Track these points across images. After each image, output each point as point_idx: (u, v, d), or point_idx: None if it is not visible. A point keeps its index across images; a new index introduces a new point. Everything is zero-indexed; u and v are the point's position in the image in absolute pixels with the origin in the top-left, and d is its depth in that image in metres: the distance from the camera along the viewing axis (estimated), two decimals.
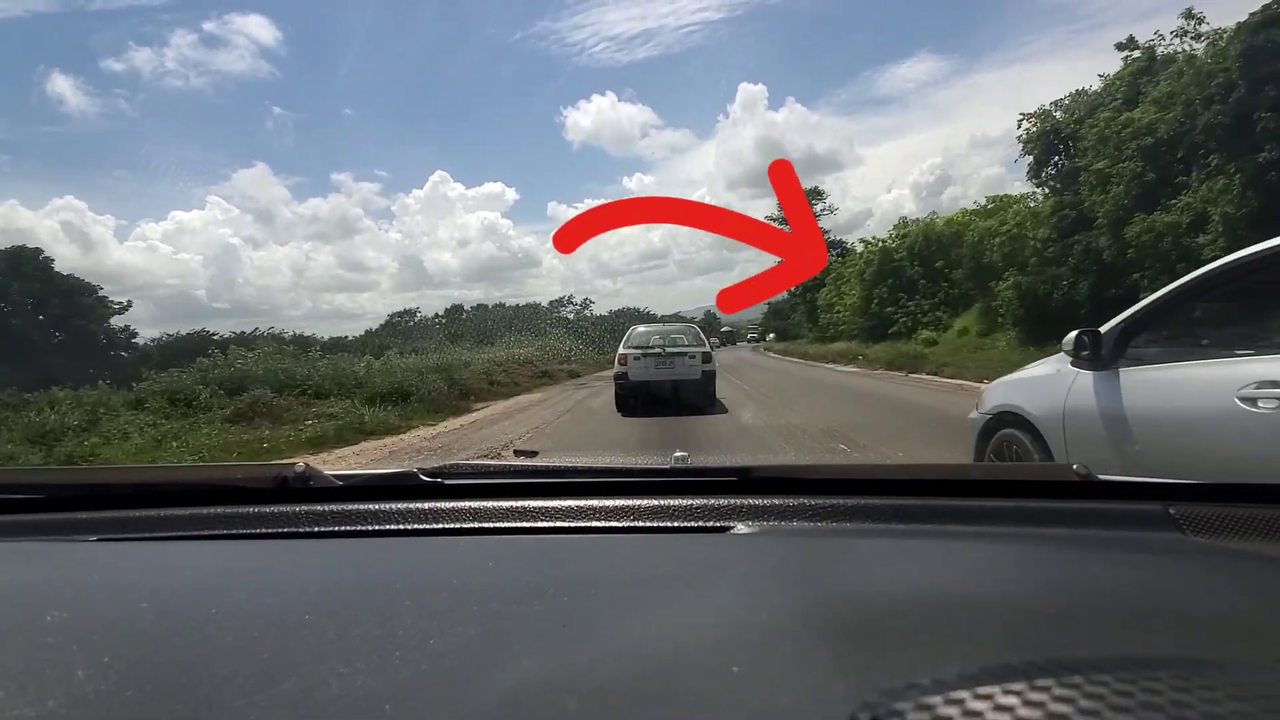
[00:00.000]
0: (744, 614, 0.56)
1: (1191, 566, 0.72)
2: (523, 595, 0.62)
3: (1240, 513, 0.81)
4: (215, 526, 0.91)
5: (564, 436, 8.17)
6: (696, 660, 0.47)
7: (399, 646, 0.50)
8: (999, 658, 0.44)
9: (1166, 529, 0.82)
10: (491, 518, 0.90)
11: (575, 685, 0.44)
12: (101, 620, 0.59)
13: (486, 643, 0.51)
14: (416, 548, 0.86)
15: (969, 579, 0.67)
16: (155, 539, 0.90)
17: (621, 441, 7.46)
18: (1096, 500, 0.91)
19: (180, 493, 1.03)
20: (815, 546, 0.81)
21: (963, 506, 0.89)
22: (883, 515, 0.87)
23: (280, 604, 0.62)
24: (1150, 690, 0.36)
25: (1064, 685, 0.36)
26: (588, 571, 0.72)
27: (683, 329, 11.59)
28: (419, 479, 1.00)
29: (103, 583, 0.70)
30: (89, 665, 0.48)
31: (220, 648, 0.51)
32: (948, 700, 0.36)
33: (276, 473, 0.99)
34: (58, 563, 0.80)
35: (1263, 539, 0.78)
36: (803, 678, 0.44)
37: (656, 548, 0.82)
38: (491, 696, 0.43)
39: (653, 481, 1.00)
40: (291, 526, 0.90)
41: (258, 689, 0.44)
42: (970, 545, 0.79)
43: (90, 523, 0.93)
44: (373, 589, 0.66)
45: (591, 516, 0.90)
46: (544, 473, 1.08)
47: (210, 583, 0.71)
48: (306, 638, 0.53)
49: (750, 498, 0.91)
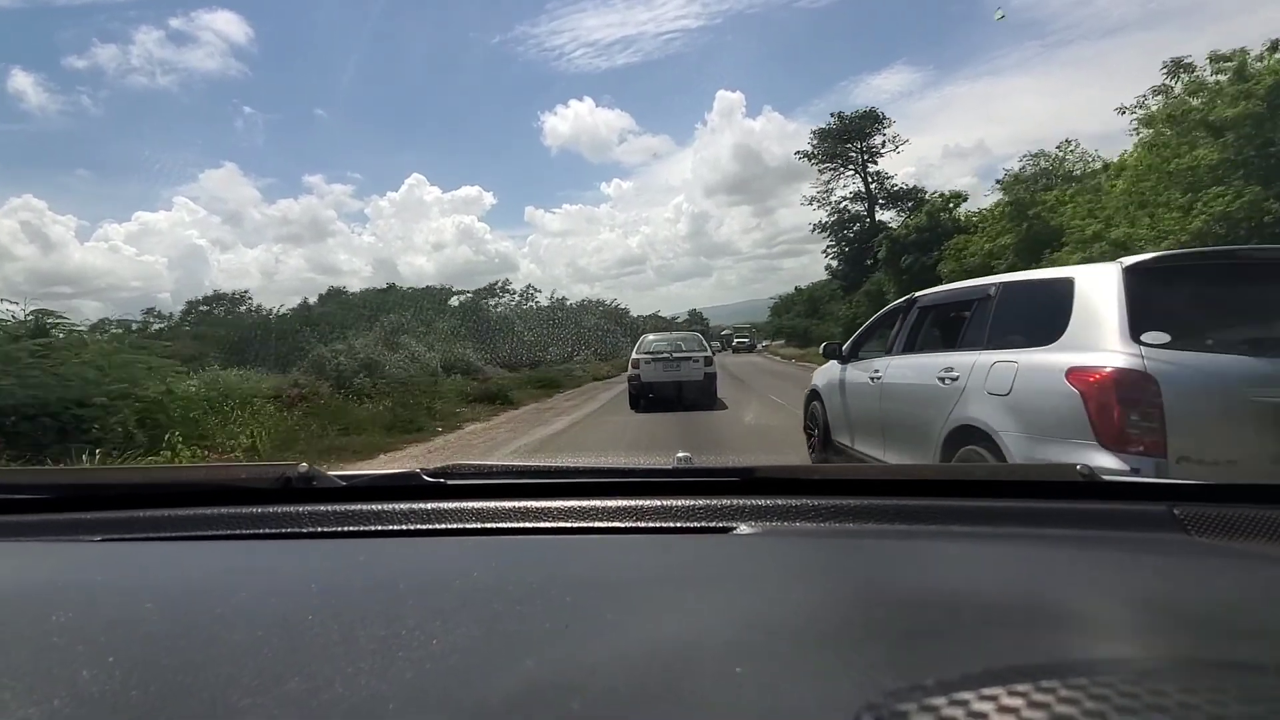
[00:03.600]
0: (747, 614, 0.56)
1: (1197, 567, 0.72)
2: (526, 595, 0.62)
3: (1245, 513, 0.81)
4: (219, 527, 0.91)
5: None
6: (700, 661, 0.47)
7: (403, 647, 0.50)
8: (1003, 659, 0.44)
9: (1171, 530, 0.82)
10: (495, 518, 0.91)
11: (579, 685, 0.44)
12: (106, 620, 0.59)
13: (490, 643, 0.51)
14: (420, 548, 0.86)
15: (973, 580, 0.67)
16: (159, 539, 0.90)
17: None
18: (1100, 501, 0.91)
19: (184, 493, 1.04)
20: (819, 547, 0.81)
21: (966, 507, 0.89)
22: (886, 516, 0.87)
23: (284, 604, 0.62)
24: (1156, 692, 0.36)
25: (1069, 687, 0.36)
26: (591, 572, 0.72)
27: (687, 336, 12.97)
28: (422, 479, 1.01)
29: (107, 583, 0.71)
30: (94, 665, 0.48)
31: (225, 648, 0.52)
32: (952, 701, 0.36)
33: (280, 473, 0.99)
34: (62, 563, 0.81)
35: (1268, 539, 0.78)
36: (807, 678, 0.44)
37: (660, 548, 0.82)
38: (496, 697, 0.43)
39: (656, 482, 1.00)
40: (295, 527, 0.90)
41: (262, 689, 0.44)
42: (974, 546, 0.79)
43: (94, 523, 0.93)
44: (376, 589, 0.66)
45: (595, 517, 0.90)
46: (547, 473, 1.08)
47: (214, 583, 0.71)
48: (311, 638, 0.53)
49: (753, 498, 0.91)
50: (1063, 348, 2.74)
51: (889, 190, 42.66)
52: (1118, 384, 2.44)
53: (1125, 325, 2.53)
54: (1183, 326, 2.51)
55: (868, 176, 43.26)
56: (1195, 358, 2.43)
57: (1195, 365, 2.42)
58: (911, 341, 4.15)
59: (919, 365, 3.79)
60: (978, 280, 3.98)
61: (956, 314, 3.83)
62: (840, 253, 43.20)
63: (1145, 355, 2.44)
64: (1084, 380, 2.53)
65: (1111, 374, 2.46)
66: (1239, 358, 2.44)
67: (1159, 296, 2.65)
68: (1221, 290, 2.72)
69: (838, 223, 43.36)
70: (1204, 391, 2.40)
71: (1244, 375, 2.40)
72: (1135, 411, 2.39)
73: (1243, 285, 2.74)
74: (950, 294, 4.08)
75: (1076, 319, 2.74)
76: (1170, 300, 2.67)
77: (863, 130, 43.14)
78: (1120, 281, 2.63)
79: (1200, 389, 2.40)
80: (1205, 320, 2.62)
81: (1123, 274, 2.65)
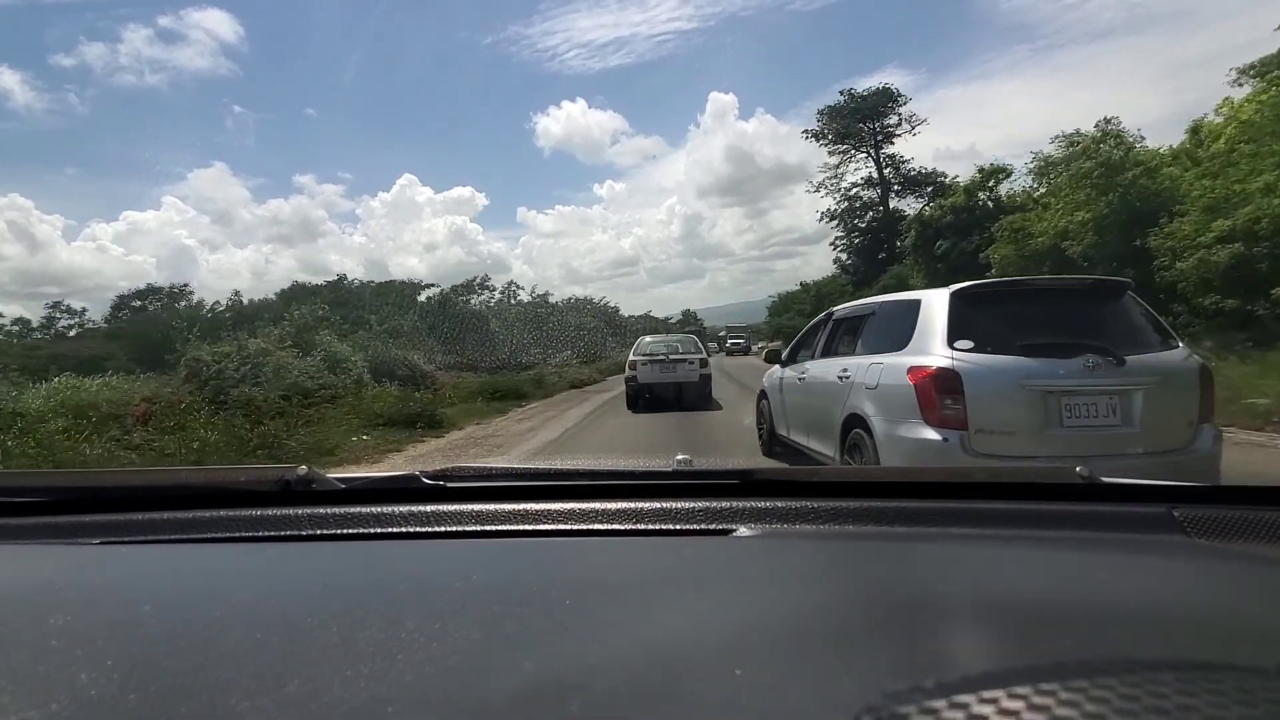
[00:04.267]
0: (747, 616, 0.56)
1: (1196, 569, 0.72)
2: (526, 597, 0.62)
3: (1244, 515, 0.81)
4: (218, 529, 0.91)
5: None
6: (700, 663, 0.47)
7: (403, 649, 0.50)
8: (1003, 661, 0.44)
9: (1170, 531, 0.82)
10: (494, 520, 0.90)
11: (579, 687, 0.44)
12: (105, 623, 0.59)
13: (490, 645, 0.51)
14: (420, 550, 0.86)
15: (972, 582, 0.67)
16: (158, 542, 0.90)
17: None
18: (1100, 503, 0.91)
19: (183, 496, 1.03)
20: (818, 549, 0.81)
21: (965, 509, 0.89)
22: (885, 518, 0.87)
23: (284, 607, 0.62)
24: (1156, 694, 0.36)
25: (1069, 689, 0.36)
26: (590, 574, 0.72)
27: (683, 338, 12.98)
28: (421, 482, 1.00)
29: (106, 586, 0.70)
30: (92, 668, 0.48)
31: (224, 650, 0.52)
32: (952, 704, 0.36)
33: (279, 475, 0.99)
34: (61, 566, 0.80)
35: (1267, 541, 0.78)
36: (806, 680, 0.44)
37: (659, 550, 0.82)
38: (495, 699, 0.43)
39: (655, 484, 1.00)
40: (294, 529, 0.90)
41: (262, 692, 0.44)
42: (973, 548, 0.79)
43: (93, 526, 0.93)
44: (376, 591, 0.66)
45: (594, 519, 0.90)
46: (546, 475, 1.08)
47: (214, 585, 0.71)
48: (310, 640, 0.53)
49: (753, 500, 0.91)
50: (907, 352, 3.72)
51: (905, 175, 38.62)
52: (935, 378, 3.38)
53: (945, 335, 3.49)
54: (983, 336, 3.46)
55: (881, 160, 39.15)
56: (989, 358, 3.40)
57: (988, 364, 3.38)
58: (827, 347, 5.11)
59: (829, 367, 4.73)
60: (868, 300, 5.02)
61: (856, 325, 4.74)
62: (849, 245, 39.78)
63: (955, 357, 3.39)
64: (916, 376, 3.48)
65: (931, 371, 3.41)
66: (1016, 358, 3.37)
67: (971, 314, 3.60)
68: (1013, 310, 3.71)
69: (848, 211, 39.82)
70: (992, 382, 3.34)
71: (1020, 370, 3.33)
72: (947, 398, 3.33)
73: (1028, 306, 3.73)
74: (854, 309, 5.02)
75: (919, 330, 3.72)
76: (979, 317, 3.60)
77: (876, 109, 39.09)
78: (948, 303, 3.61)
79: (990, 381, 3.34)
80: (999, 331, 3.52)
81: (950, 297, 3.64)
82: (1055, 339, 3.45)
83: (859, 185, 40.26)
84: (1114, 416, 3.29)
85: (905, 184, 38.82)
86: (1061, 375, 3.30)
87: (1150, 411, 3.29)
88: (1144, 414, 3.29)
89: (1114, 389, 3.30)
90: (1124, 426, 3.28)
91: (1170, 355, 3.51)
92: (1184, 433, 3.36)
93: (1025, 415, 3.29)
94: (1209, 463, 3.35)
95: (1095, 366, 3.29)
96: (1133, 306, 3.70)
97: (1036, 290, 3.87)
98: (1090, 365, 3.30)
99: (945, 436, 3.29)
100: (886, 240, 35.84)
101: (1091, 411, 3.29)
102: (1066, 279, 4.76)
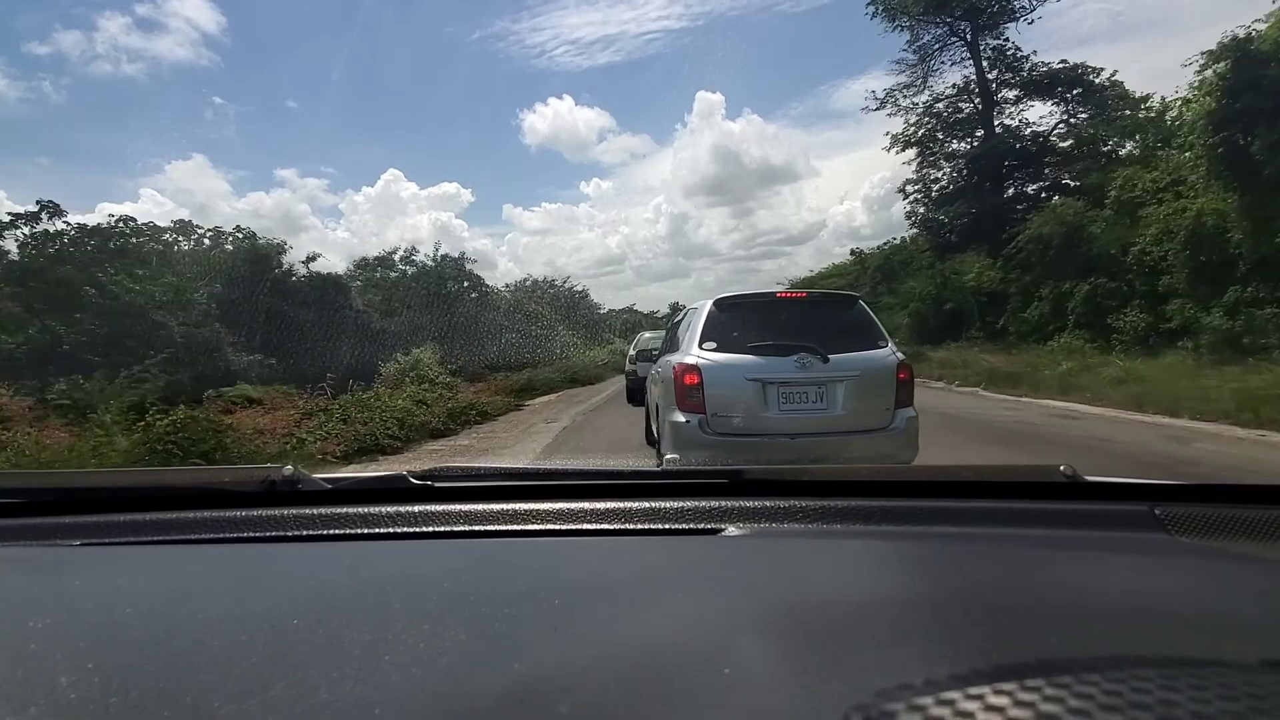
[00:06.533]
0: (736, 616, 0.56)
1: (1177, 566, 0.73)
2: (514, 598, 0.62)
3: (1225, 513, 0.83)
4: (202, 530, 0.90)
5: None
6: (688, 662, 0.47)
7: (389, 650, 0.49)
8: (990, 658, 0.44)
9: (1152, 529, 0.83)
10: (482, 520, 0.90)
11: (568, 688, 0.44)
12: (85, 626, 0.58)
13: (478, 646, 0.51)
14: (407, 551, 0.85)
15: (958, 580, 0.68)
16: (140, 544, 0.88)
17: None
18: (1083, 501, 0.92)
19: (166, 496, 1.02)
20: (806, 548, 0.82)
21: (951, 508, 0.90)
22: (873, 517, 0.87)
23: (269, 608, 0.61)
24: (1139, 690, 0.36)
25: (1054, 685, 0.37)
26: (579, 574, 0.72)
27: None
28: (409, 482, 1.00)
29: (87, 588, 0.69)
30: (73, 672, 0.47)
31: (207, 653, 0.51)
32: (939, 701, 0.36)
33: (264, 476, 0.98)
34: (41, 568, 0.79)
35: (1247, 539, 0.80)
36: (795, 679, 0.44)
37: (647, 550, 0.82)
38: (484, 700, 0.43)
39: (644, 484, 1.00)
40: (280, 530, 0.89)
41: (246, 694, 0.43)
42: (959, 546, 0.80)
43: (74, 527, 0.92)
44: (363, 592, 0.66)
45: (582, 519, 0.90)
46: (534, 475, 1.07)
47: (197, 587, 0.70)
48: (296, 642, 0.52)
49: (741, 500, 0.91)
50: (679, 352, 4.60)
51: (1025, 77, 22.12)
52: (685, 373, 4.23)
53: (699, 338, 4.35)
54: (726, 339, 4.33)
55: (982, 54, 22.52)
56: (724, 356, 4.25)
57: (723, 361, 4.23)
58: (667, 346, 5.87)
59: (661, 363, 5.53)
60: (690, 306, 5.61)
61: (678, 325, 5.60)
62: (925, 193, 24.24)
63: (700, 356, 4.26)
64: (676, 371, 4.31)
65: (682, 367, 4.27)
66: (744, 356, 4.22)
67: (723, 320, 4.44)
68: (755, 316, 4.53)
69: (928, 135, 23.86)
70: (724, 376, 4.17)
71: (745, 367, 4.17)
72: (691, 389, 4.17)
73: (769, 314, 4.56)
74: (683, 314, 5.80)
75: (689, 333, 4.58)
76: (727, 322, 4.43)
77: None
78: (708, 310, 4.46)
79: (722, 375, 4.17)
80: (739, 335, 4.35)
81: (711, 305, 4.50)
82: (778, 341, 4.26)
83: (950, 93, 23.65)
84: (820, 402, 4.13)
85: (1028, 89, 22.50)
86: (776, 370, 4.13)
87: (850, 398, 4.13)
88: (845, 400, 4.12)
89: (819, 381, 4.13)
90: (828, 410, 4.12)
91: (872, 354, 4.29)
92: (882, 415, 4.15)
93: (747, 402, 4.13)
94: (903, 439, 4.13)
95: (804, 363, 4.13)
96: (861, 315, 4.55)
97: (779, 301, 4.77)
98: (801, 362, 4.13)
99: (688, 419, 4.14)
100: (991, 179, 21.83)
101: (801, 399, 4.15)
102: (803, 293, 5.63)
